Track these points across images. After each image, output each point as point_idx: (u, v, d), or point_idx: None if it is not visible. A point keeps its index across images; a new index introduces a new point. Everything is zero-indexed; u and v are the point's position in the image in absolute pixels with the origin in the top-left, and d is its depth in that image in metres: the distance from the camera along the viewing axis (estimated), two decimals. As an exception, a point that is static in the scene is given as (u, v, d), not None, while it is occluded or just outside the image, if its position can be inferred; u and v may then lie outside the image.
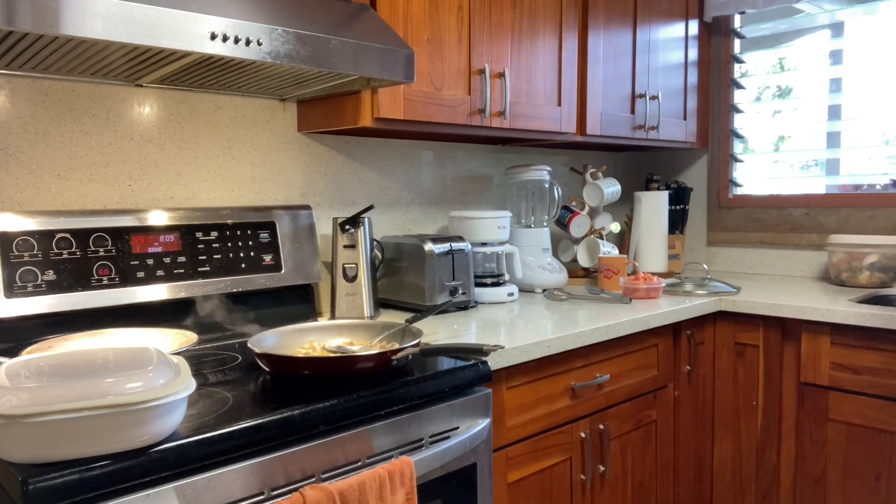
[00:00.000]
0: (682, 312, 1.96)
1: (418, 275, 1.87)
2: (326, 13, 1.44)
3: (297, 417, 1.05)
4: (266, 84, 1.60)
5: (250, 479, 0.99)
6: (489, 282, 2.08)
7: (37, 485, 0.81)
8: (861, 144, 2.49)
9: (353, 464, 1.11)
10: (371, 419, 1.14)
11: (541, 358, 1.54)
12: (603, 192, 2.46)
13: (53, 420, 0.81)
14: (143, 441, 0.89)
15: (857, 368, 1.85)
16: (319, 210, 1.95)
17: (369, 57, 1.43)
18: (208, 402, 1.10)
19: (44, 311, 1.37)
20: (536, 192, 2.37)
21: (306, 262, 1.78)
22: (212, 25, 1.19)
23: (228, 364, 1.36)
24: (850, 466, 1.89)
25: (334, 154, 1.99)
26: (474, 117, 1.85)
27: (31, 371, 0.92)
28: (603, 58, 2.25)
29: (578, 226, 2.47)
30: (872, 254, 2.21)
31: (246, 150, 1.80)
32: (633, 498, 1.89)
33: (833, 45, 2.54)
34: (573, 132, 2.18)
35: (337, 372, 1.19)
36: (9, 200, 1.45)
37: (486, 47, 1.88)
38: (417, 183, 2.22)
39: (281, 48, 1.29)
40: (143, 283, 1.49)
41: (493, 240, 2.09)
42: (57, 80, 1.49)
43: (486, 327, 1.69)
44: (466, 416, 1.29)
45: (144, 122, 1.63)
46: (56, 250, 1.40)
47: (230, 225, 1.66)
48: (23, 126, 1.46)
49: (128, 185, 1.61)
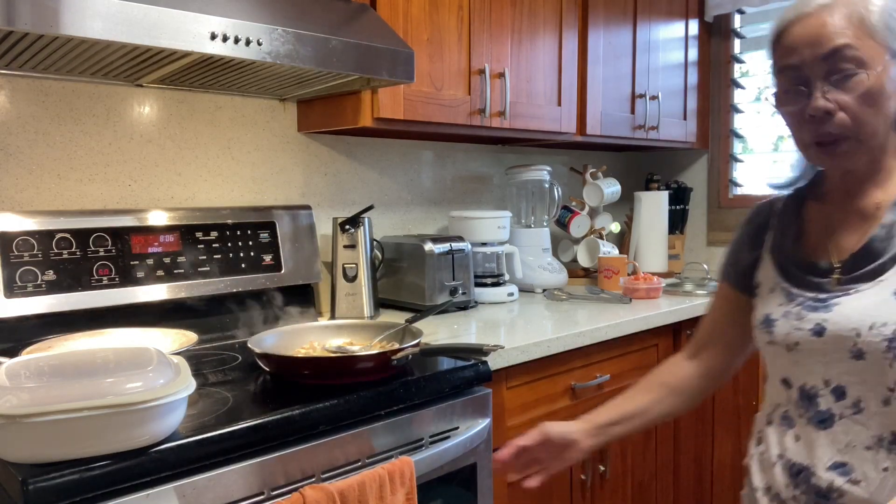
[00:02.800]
0: (682, 312, 1.96)
1: (418, 275, 1.87)
2: (326, 13, 1.44)
3: (297, 417, 1.05)
4: (266, 84, 1.60)
5: (250, 479, 0.98)
6: (489, 282, 2.08)
7: (37, 485, 0.81)
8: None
9: (353, 464, 1.11)
10: (371, 419, 1.14)
11: (541, 358, 1.54)
12: (603, 192, 2.46)
13: (53, 420, 0.81)
14: (143, 441, 0.89)
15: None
16: (319, 210, 1.95)
17: (369, 57, 1.43)
18: (208, 402, 1.10)
19: (44, 311, 1.36)
20: (536, 192, 2.37)
21: (306, 262, 1.78)
22: (212, 25, 1.19)
23: (228, 364, 1.36)
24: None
25: (334, 154, 1.99)
26: (474, 117, 1.85)
27: (31, 371, 0.92)
28: (603, 58, 2.25)
29: (578, 226, 2.47)
30: (872, 254, 2.20)
31: (246, 150, 1.80)
32: (633, 498, 1.89)
33: (833, 45, 2.53)
34: (573, 132, 2.18)
35: (337, 372, 1.19)
36: (9, 200, 1.45)
37: (486, 47, 1.88)
38: (417, 183, 2.22)
39: (281, 48, 1.29)
40: (142, 283, 1.49)
41: (493, 240, 2.09)
42: (57, 80, 1.49)
43: (486, 327, 1.69)
44: (466, 416, 1.29)
45: (144, 122, 1.63)
46: (56, 250, 1.40)
47: (230, 225, 1.66)
48: (23, 126, 1.46)
49: (128, 185, 1.61)
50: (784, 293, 0.98)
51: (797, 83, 0.91)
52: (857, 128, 0.88)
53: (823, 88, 0.88)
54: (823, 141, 0.90)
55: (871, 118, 0.88)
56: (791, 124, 0.94)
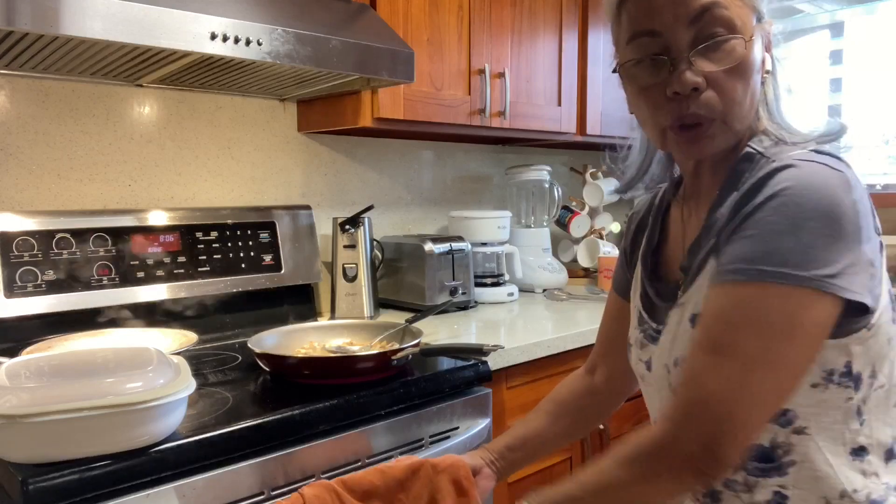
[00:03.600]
0: (682, 312, 1.96)
1: (418, 275, 1.87)
2: (326, 13, 1.44)
3: (297, 417, 1.05)
4: (266, 84, 1.60)
5: (250, 479, 0.98)
6: (489, 282, 2.08)
7: (37, 485, 0.81)
8: (861, 144, 2.49)
9: (354, 464, 1.11)
10: (371, 419, 1.14)
11: (541, 358, 1.54)
12: (603, 192, 2.46)
13: (53, 420, 0.81)
14: (143, 441, 0.89)
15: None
16: (319, 210, 1.95)
17: (369, 57, 1.43)
18: (208, 402, 1.09)
19: (44, 311, 1.36)
20: (536, 192, 2.37)
21: (306, 262, 1.78)
22: (212, 25, 1.19)
23: (228, 364, 1.36)
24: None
25: (334, 154, 1.99)
26: (474, 117, 1.85)
27: (31, 371, 0.92)
28: (603, 58, 2.25)
29: (578, 226, 2.47)
30: (872, 254, 2.20)
31: (246, 150, 1.80)
32: (633, 498, 1.89)
33: (833, 45, 2.54)
34: (573, 132, 2.18)
35: (337, 372, 1.19)
36: (9, 200, 1.44)
37: (486, 47, 1.87)
38: (417, 183, 2.22)
39: (281, 48, 1.29)
40: (143, 283, 1.49)
41: (493, 240, 2.09)
42: (57, 80, 1.49)
43: (486, 327, 1.69)
44: (466, 416, 1.29)
45: (144, 122, 1.63)
46: (56, 250, 1.40)
47: (230, 225, 1.66)
48: (23, 126, 1.46)
49: (128, 185, 1.61)
50: (637, 314, 0.89)
51: (656, 52, 0.73)
52: (725, 108, 0.72)
53: (690, 59, 0.71)
54: (687, 123, 0.73)
55: (741, 96, 0.72)
56: (646, 103, 0.76)
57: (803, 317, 0.64)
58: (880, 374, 0.72)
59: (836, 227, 0.64)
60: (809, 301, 0.64)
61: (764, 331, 0.65)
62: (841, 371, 0.70)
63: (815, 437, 0.71)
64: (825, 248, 0.64)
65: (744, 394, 0.65)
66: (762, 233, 0.66)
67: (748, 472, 0.75)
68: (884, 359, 0.72)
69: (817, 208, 0.64)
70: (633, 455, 0.72)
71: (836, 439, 0.71)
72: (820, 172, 0.66)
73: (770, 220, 0.65)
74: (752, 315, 0.66)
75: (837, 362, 0.69)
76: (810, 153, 0.69)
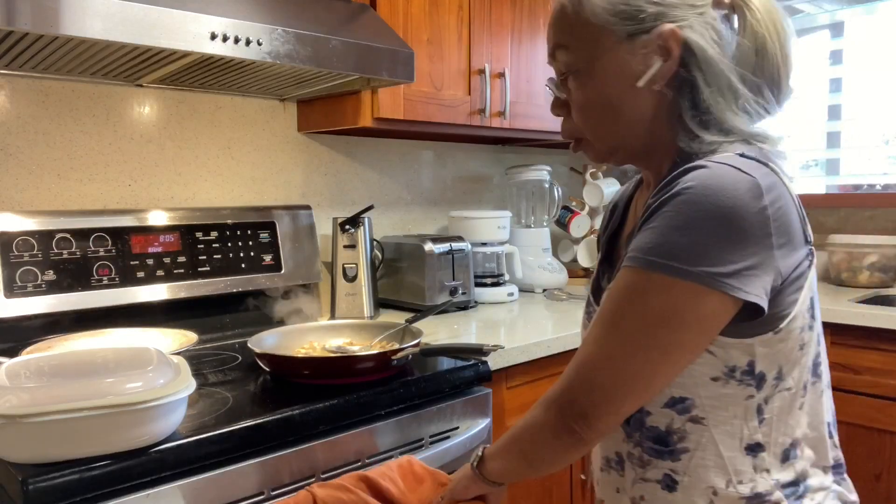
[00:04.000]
0: (682, 312, 1.96)
1: (418, 275, 1.87)
2: (326, 13, 1.44)
3: (297, 417, 1.05)
4: (266, 84, 1.60)
5: (250, 479, 0.98)
6: (489, 282, 2.08)
7: (37, 485, 0.81)
8: (861, 144, 2.49)
9: (354, 464, 1.11)
10: (371, 419, 1.14)
11: (541, 358, 1.54)
12: (603, 192, 2.46)
13: (53, 420, 0.81)
14: (143, 441, 0.89)
15: (857, 368, 1.85)
16: (319, 210, 1.95)
17: (369, 57, 1.43)
18: (208, 402, 1.09)
19: (44, 311, 1.36)
20: (536, 192, 2.37)
21: (306, 262, 1.78)
22: (212, 25, 1.19)
23: (228, 364, 1.36)
24: (850, 466, 1.89)
25: (334, 154, 1.99)
26: (474, 117, 1.85)
27: (31, 371, 0.92)
28: (603, 58, 2.25)
29: (578, 226, 2.47)
30: (872, 254, 2.21)
31: (246, 150, 1.80)
32: (633, 498, 1.89)
33: (833, 45, 2.54)
34: (573, 132, 2.17)
35: (337, 372, 1.19)
36: (9, 200, 1.44)
37: (486, 47, 1.88)
38: (417, 183, 2.22)
39: (281, 48, 1.29)
40: (143, 283, 1.49)
41: (493, 240, 2.09)
42: (57, 80, 1.49)
43: (486, 327, 1.69)
44: (466, 416, 1.29)
45: (144, 122, 1.63)
46: (56, 250, 1.40)
47: (230, 225, 1.66)
48: (23, 126, 1.46)
49: (128, 185, 1.61)
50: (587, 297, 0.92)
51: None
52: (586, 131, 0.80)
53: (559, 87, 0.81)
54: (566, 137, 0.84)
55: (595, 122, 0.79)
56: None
57: (684, 308, 0.68)
58: (788, 378, 0.74)
59: (732, 228, 0.66)
60: (693, 294, 0.67)
61: (645, 315, 0.70)
62: (743, 369, 0.72)
63: (711, 429, 0.74)
64: (718, 247, 0.66)
65: (616, 366, 0.71)
66: (660, 226, 0.69)
67: (643, 450, 0.79)
68: (793, 363, 0.74)
69: (714, 209, 0.66)
70: (541, 399, 0.78)
71: (732, 434, 0.74)
72: (728, 175, 0.67)
73: (669, 215, 0.69)
74: (636, 299, 0.70)
75: (740, 360, 0.72)
76: (734, 156, 0.70)
